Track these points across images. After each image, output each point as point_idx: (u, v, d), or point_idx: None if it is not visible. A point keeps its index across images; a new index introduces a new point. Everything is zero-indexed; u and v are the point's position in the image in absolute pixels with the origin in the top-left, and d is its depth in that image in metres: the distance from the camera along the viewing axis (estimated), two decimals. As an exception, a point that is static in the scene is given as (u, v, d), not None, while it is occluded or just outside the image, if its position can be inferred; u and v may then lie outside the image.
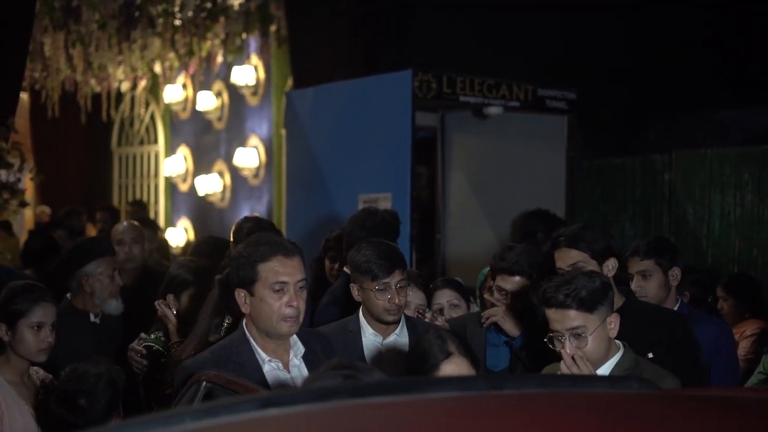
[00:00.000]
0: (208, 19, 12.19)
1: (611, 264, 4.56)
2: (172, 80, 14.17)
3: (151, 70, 13.54)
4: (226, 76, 13.80)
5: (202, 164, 14.52)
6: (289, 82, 12.19)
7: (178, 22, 12.23)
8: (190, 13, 12.06)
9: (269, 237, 3.86)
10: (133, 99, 15.39)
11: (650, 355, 4.45)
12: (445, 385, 2.26)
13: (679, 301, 5.36)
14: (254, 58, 13.35)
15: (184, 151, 14.91)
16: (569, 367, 3.75)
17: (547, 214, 7.90)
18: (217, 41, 12.60)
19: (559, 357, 3.84)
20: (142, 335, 4.91)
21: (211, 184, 14.06)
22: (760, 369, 5.62)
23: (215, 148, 14.31)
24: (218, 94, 14.14)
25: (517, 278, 4.83)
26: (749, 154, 8.21)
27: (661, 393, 2.38)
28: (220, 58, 13.21)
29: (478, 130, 8.94)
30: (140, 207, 13.62)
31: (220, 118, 14.20)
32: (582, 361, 3.77)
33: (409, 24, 10.70)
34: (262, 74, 13.42)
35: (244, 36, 12.76)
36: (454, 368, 3.52)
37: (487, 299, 5.11)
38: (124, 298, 6.05)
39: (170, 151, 15.24)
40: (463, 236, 8.92)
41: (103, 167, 16.54)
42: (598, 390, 2.46)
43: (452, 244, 9.02)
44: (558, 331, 3.85)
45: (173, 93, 14.59)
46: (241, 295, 3.73)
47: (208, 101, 14.09)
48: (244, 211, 13.39)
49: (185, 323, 4.82)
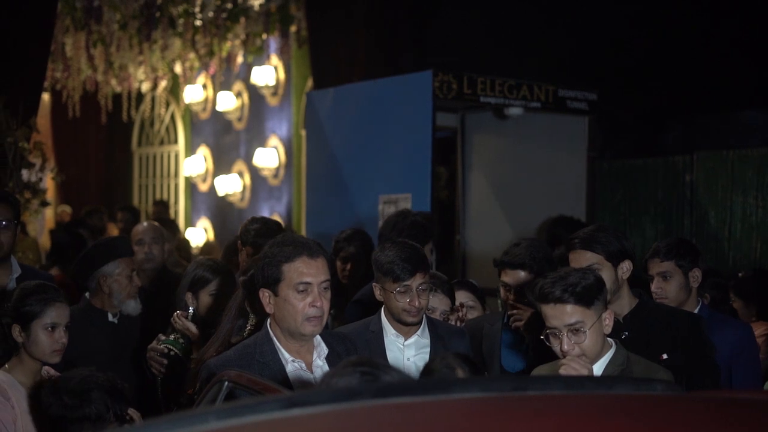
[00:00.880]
0: (229, 20, 12.22)
1: (626, 266, 4.56)
2: (192, 80, 14.22)
3: (172, 70, 13.59)
4: (246, 77, 13.83)
5: (221, 164, 14.56)
6: (309, 83, 12.20)
7: (198, 23, 12.27)
8: (211, 14, 12.09)
9: (294, 237, 3.87)
10: (154, 99, 15.44)
11: (664, 356, 4.44)
12: (469, 386, 2.26)
13: (700, 303, 5.33)
14: (274, 59, 13.38)
15: (204, 151, 14.96)
16: (567, 364, 3.77)
17: (570, 220, 7.88)
18: (238, 42, 12.63)
19: (555, 354, 3.85)
20: (161, 336, 4.90)
21: (231, 184, 14.10)
22: None
23: (235, 148, 14.35)
24: (238, 95, 14.17)
25: (521, 273, 4.89)
26: (771, 155, 8.18)
27: (687, 395, 2.37)
28: (240, 59, 13.25)
29: (498, 131, 8.92)
30: (164, 207, 13.67)
31: (240, 119, 14.23)
32: (579, 359, 3.78)
33: (429, 24, 10.70)
34: (282, 75, 13.45)
35: (265, 36, 12.79)
36: None
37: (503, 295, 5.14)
38: (143, 298, 6.06)
39: (190, 151, 15.28)
40: (483, 237, 8.91)
41: (124, 167, 16.60)
42: (622, 392, 2.45)
43: (472, 245, 9.00)
44: (555, 328, 3.86)
45: (193, 93, 14.64)
46: (266, 295, 3.73)
47: (228, 101, 14.12)
48: (264, 211, 13.41)
49: (205, 323, 4.82)
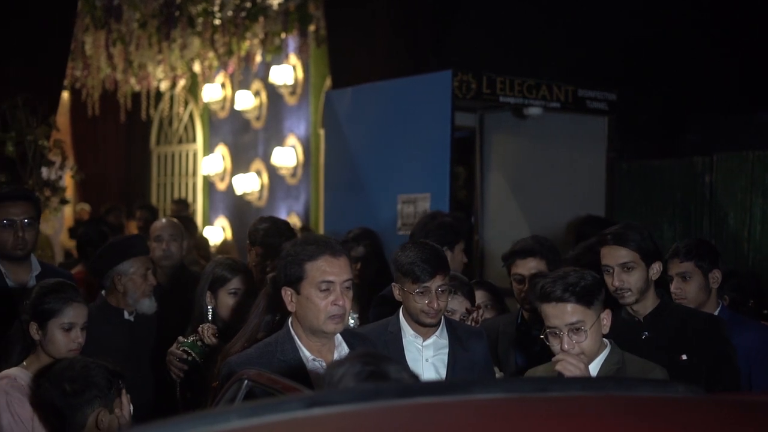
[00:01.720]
0: (248, 19, 12.24)
1: (656, 267, 4.59)
2: (211, 79, 14.25)
3: (191, 69, 13.62)
4: (264, 76, 13.85)
5: (239, 163, 14.58)
6: (327, 82, 12.21)
7: (217, 22, 12.30)
8: (230, 13, 12.12)
9: (317, 236, 3.88)
10: (172, 98, 15.49)
11: (683, 357, 4.43)
12: (492, 387, 2.25)
13: (720, 305, 5.31)
14: (293, 58, 13.40)
15: (222, 150, 14.99)
16: (563, 359, 3.77)
17: (599, 219, 7.88)
18: (256, 41, 12.65)
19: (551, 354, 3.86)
20: (180, 339, 4.90)
21: (249, 183, 14.12)
22: None
23: (253, 147, 14.37)
24: (256, 94, 14.20)
25: (532, 261, 4.91)
26: (792, 156, 8.14)
27: (708, 397, 2.36)
28: (258, 58, 13.26)
29: (517, 131, 8.91)
30: (184, 206, 13.71)
31: (258, 118, 14.25)
32: (578, 359, 3.78)
33: (449, 24, 10.69)
34: (301, 74, 13.46)
35: (283, 35, 12.80)
36: None
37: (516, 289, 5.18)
38: (160, 295, 6.07)
39: (208, 150, 15.32)
40: (501, 237, 8.88)
41: (142, 166, 16.66)
42: (642, 393, 2.44)
43: (490, 245, 8.99)
44: (556, 327, 3.87)
45: (212, 92, 14.67)
46: (288, 294, 3.74)
47: (246, 100, 14.15)
48: (282, 210, 13.43)
49: (226, 324, 4.82)
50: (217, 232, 14.49)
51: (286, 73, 13.44)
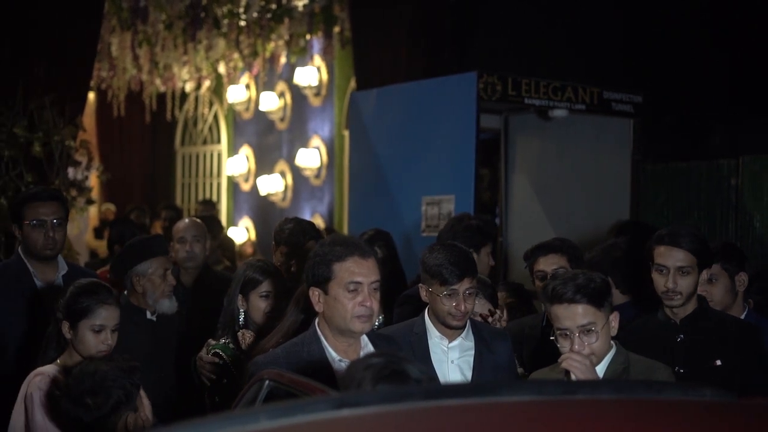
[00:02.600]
0: (273, 20, 12.27)
1: (705, 275, 4.57)
2: (235, 80, 14.30)
3: (216, 70, 13.67)
4: (289, 77, 13.88)
5: (264, 164, 14.62)
6: (352, 83, 12.22)
7: (242, 23, 12.34)
8: (255, 14, 12.15)
9: (345, 237, 3.88)
10: (197, 99, 15.54)
11: (718, 362, 4.41)
12: (520, 389, 2.26)
13: (746, 309, 5.29)
14: (317, 59, 13.42)
15: (246, 151, 15.03)
16: (569, 357, 3.77)
17: (644, 224, 7.87)
18: (281, 42, 12.68)
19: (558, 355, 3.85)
20: (211, 341, 4.91)
21: (273, 184, 14.15)
22: None
23: (277, 148, 14.41)
24: (281, 95, 14.23)
25: (553, 257, 4.92)
26: (819, 159, 8.08)
27: (739, 402, 2.35)
28: (283, 59, 13.29)
29: (542, 133, 8.89)
30: (210, 206, 13.76)
31: (282, 119, 14.28)
32: (583, 357, 3.78)
33: (473, 25, 10.68)
34: (325, 75, 13.48)
35: (308, 37, 12.83)
36: None
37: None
38: (184, 296, 6.08)
39: (233, 150, 15.36)
40: (526, 239, 8.85)
41: (167, 166, 16.72)
42: (670, 397, 2.44)
43: (514, 246, 8.97)
44: (567, 329, 3.87)
45: (237, 93, 14.72)
46: (315, 294, 3.75)
47: (270, 102, 14.18)
48: (306, 211, 13.46)
49: (258, 328, 4.83)
50: (241, 233, 14.53)
51: (310, 75, 13.47)
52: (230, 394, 4.39)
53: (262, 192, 14.30)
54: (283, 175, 14.19)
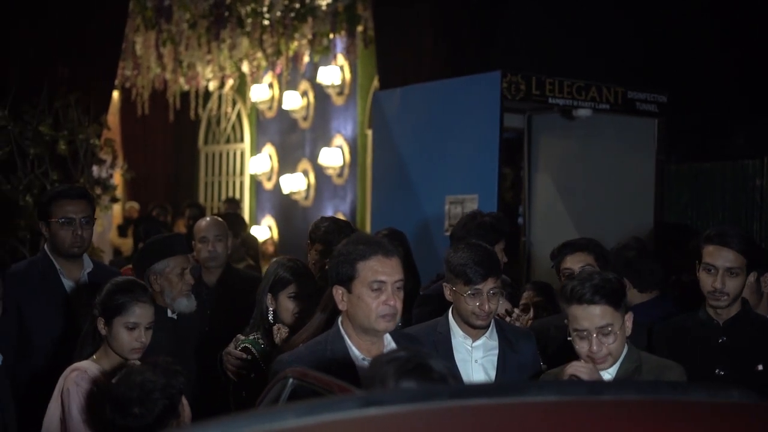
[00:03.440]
0: (296, 20, 12.30)
1: (753, 277, 4.55)
2: (259, 79, 14.34)
3: (239, 69, 13.71)
4: (312, 76, 13.91)
5: (286, 163, 14.65)
6: (375, 82, 12.23)
7: (266, 22, 12.37)
8: (279, 14, 12.18)
9: (369, 236, 3.89)
10: (221, 98, 15.59)
11: (759, 367, 4.38)
12: (545, 390, 2.25)
13: (772, 310, 5.26)
14: (340, 58, 13.44)
15: (269, 150, 15.07)
16: (580, 371, 3.77)
17: (687, 226, 7.85)
18: (304, 41, 12.71)
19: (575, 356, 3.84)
20: (240, 337, 4.92)
21: (296, 183, 14.18)
22: None
23: (300, 147, 14.44)
24: (304, 94, 14.26)
25: (580, 254, 4.95)
26: None
27: (765, 404, 2.34)
28: (306, 58, 13.32)
29: (565, 132, 8.86)
30: (235, 205, 13.80)
31: (305, 118, 14.31)
32: (587, 365, 3.78)
33: (497, 25, 10.66)
34: (348, 74, 13.50)
35: (331, 36, 12.85)
36: None
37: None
38: (207, 295, 6.08)
39: (256, 149, 15.41)
40: (549, 239, 8.82)
41: (190, 165, 16.79)
42: (697, 398, 2.43)
43: (537, 246, 8.95)
44: (585, 329, 3.86)
45: (260, 92, 14.76)
46: (339, 293, 3.76)
47: (293, 101, 14.22)
48: (328, 210, 13.48)
49: (289, 326, 4.83)
50: (263, 232, 14.57)
51: (333, 74, 13.49)
52: (257, 389, 4.40)
53: (285, 191, 14.33)
54: (306, 174, 14.21)
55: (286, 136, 14.76)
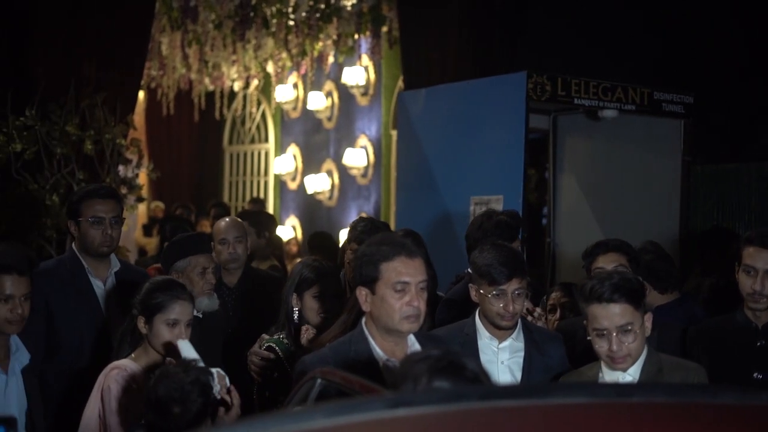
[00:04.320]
0: (321, 20, 12.32)
1: None
2: (283, 80, 14.37)
3: (264, 69, 13.75)
4: (336, 77, 13.93)
5: (311, 163, 14.68)
6: (400, 83, 12.23)
7: (291, 23, 12.39)
8: (304, 14, 12.20)
9: (392, 237, 3.88)
10: (246, 98, 15.64)
11: None
12: (574, 391, 2.25)
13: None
14: (365, 59, 13.45)
15: (293, 150, 15.10)
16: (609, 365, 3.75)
17: (727, 230, 7.81)
18: (329, 42, 12.72)
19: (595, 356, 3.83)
20: (265, 336, 4.93)
21: (320, 183, 14.21)
22: None
23: (324, 147, 14.46)
24: (328, 94, 14.28)
25: (613, 254, 4.91)
26: None
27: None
28: (331, 59, 13.34)
29: (591, 133, 8.83)
30: (260, 205, 13.84)
31: (329, 118, 14.33)
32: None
33: (522, 25, 10.64)
34: (373, 75, 13.51)
35: (356, 37, 12.86)
36: None
37: None
38: (230, 296, 6.09)
39: (280, 149, 15.44)
40: (574, 240, 8.81)
41: (215, 165, 16.85)
42: (727, 401, 2.42)
43: (562, 247, 8.93)
44: (605, 329, 3.85)
45: (284, 92, 14.79)
46: (362, 293, 3.76)
47: (318, 101, 14.24)
48: (352, 210, 13.49)
49: (315, 326, 4.84)
50: (287, 232, 14.60)
51: (358, 74, 13.50)
52: (281, 389, 4.41)
53: (309, 191, 14.36)
54: (330, 174, 14.24)
55: (311, 136, 14.79)
